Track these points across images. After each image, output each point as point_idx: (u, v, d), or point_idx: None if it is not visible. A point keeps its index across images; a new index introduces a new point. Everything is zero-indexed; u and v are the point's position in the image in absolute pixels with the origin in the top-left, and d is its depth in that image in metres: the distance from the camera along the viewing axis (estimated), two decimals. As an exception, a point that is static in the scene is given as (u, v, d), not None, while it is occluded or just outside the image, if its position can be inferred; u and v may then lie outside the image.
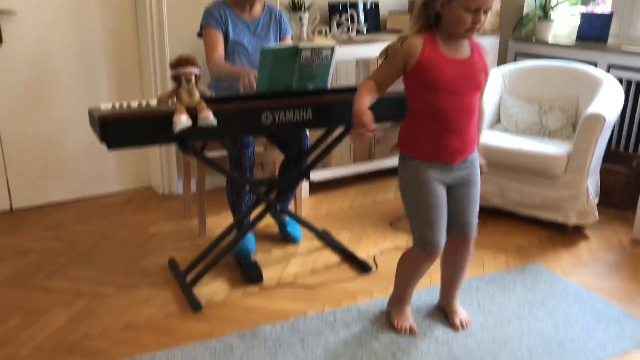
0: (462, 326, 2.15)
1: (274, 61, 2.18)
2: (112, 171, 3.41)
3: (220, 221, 3.08)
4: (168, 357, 1.97)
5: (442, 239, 1.98)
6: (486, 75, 1.93)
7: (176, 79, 2.06)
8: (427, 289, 2.41)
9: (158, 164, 3.39)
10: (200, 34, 2.74)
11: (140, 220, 3.08)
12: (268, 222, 2.99)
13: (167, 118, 2.01)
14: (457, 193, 2.00)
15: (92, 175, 3.35)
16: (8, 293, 2.36)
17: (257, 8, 2.78)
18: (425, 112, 1.90)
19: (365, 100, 1.91)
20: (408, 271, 2.10)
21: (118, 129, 1.99)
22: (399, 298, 2.17)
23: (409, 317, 2.16)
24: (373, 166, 3.64)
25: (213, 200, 3.32)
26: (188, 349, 2.01)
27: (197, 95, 2.06)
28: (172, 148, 3.38)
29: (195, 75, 2.07)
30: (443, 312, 2.23)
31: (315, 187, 3.54)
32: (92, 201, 3.33)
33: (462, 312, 2.20)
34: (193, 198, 3.17)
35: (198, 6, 2.89)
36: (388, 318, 2.19)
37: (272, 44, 2.63)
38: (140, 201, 3.36)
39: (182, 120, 2.00)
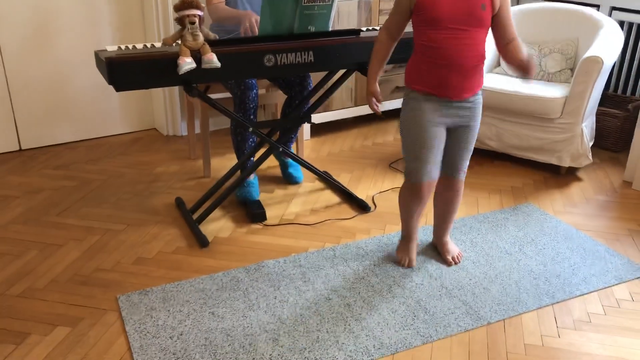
0: (454, 261, 2.27)
1: (276, 3, 2.20)
2: (117, 113, 3.47)
3: (224, 162, 3.16)
4: (177, 289, 2.10)
5: (428, 174, 2.06)
6: (492, 8, 1.92)
7: (180, 21, 2.10)
8: (422, 228, 2.52)
9: (162, 105, 3.45)
10: None
11: (146, 161, 3.17)
12: (271, 164, 3.08)
13: (172, 60, 2.06)
14: (453, 136, 2.08)
15: (98, 117, 3.42)
16: (23, 229, 2.48)
17: None
18: (427, 47, 1.95)
19: (376, 73, 2.09)
20: (402, 204, 2.21)
21: (125, 71, 2.04)
22: (403, 232, 2.29)
23: (410, 252, 2.27)
24: (373, 108, 3.68)
25: (217, 142, 3.40)
26: (196, 282, 2.14)
27: (201, 37, 2.10)
28: (176, 90, 3.42)
29: (199, 18, 2.10)
30: (436, 249, 2.35)
31: (317, 130, 3.62)
32: (99, 142, 3.41)
33: (453, 248, 2.31)
34: (197, 139, 3.25)
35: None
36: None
37: None
38: (145, 142, 3.44)
39: (187, 62, 2.05)
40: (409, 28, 2.04)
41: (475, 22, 1.91)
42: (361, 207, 2.70)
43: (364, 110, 3.65)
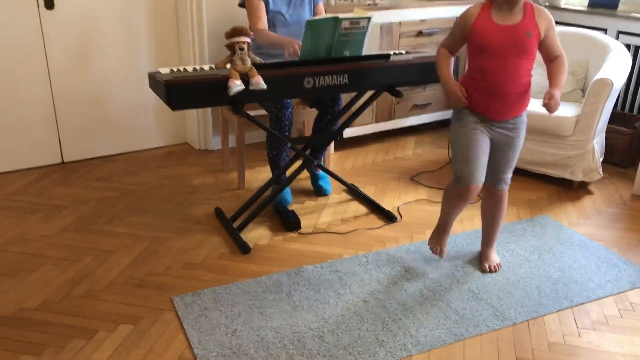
0: (490, 269, 2.45)
1: (317, 31, 2.41)
2: (153, 128, 3.68)
3: (256, 174, 3.36)
4: (226, 291, 2.28)
5: (475, 177, 2.22)
6: (539, 35, 2.11)
7: (230, 47, 2.31)
8: (462, 234, 2.71)
9: (195, 121, 3.65)
10: (242, 5, 2.96)
11: (182, 173, 3.37)
12: (301, 176, 3.27)
13: (223, 82, 2.27)
14: (495, 149, 2.28)
15: (134, 132, 3.62)
16: (76, 236, 2.66)
17: None
18: (476, 72, 2.17)
19: (450, 75, 2.24)
20: (446, 202, 2.38)
21: (181, 92, 2.24)
22: (440, 225, 2.46)
23: (442, 242, 2.45)
24: (393, 125, 3.89)
25: (247, 156, 3.59)
26: (242, 285, 2.32)
27: (249, 62, 2.31)
28: (208, 108, 3.62)
29: (248, 44, 2.31)
30: (479, 257, 2.54)
31: (340, 144, 3.82)
32: (136, 155, 3.61)
33: (493, 258, 2.49)
34: (230, 153, 3.45)
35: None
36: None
37: (318, 17, 2.81)
38: (179, 155, 3.64)
39: (237, 84, 2.25)
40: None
41: (521, 51, 2.09)
42: (388, 217, 2.89)
43: (384, 126, 3.86)
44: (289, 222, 2.76)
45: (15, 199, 3.00)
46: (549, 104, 2.09)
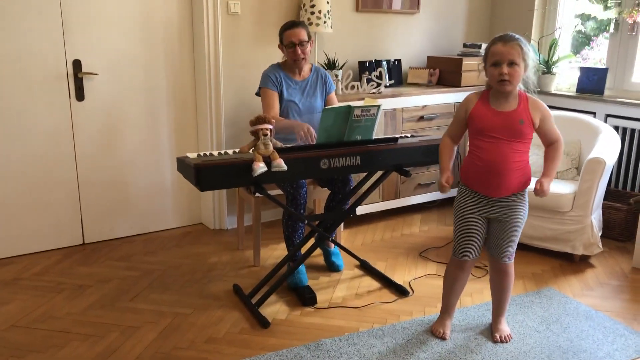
0: (501, 340, 2.56)
1: (332, 118, 2.64)
2: (170, 209, 3.85)
3: (270, 252, 3.50)
4: (250, 363, 2.36)
5: (468, 254, 2.48)
6: (532, 123, 2.32)
7: (254, 133, 2.52)
8: (472, 306, 2.82)
9: (211, 202, 3.83)
10: (258, 94, 3.23)
11: (199, 252, 3.50)
12: (314, 254, 3.40)
13: (247, 165, 2.46)
14: (493, 225, 2.46)
15: (152, 213, 3.79)
16: (101, 313, 2.76)
17: (306, 70, 3.28)
18: (474, 151, 2.39)
19: (446, 167, 2.48)
20: (446, 277, 2.58)
21: (210, 174, 2.43)
22: (443, 308, 2.62)
23: (445, 326, 2.59)
24: (399, 203, 4.08)
25: (261, 234, 3.73)
26: (265, 358, 2.40)
27: (271, 146, 2.51)
28: (223, 189, 3.82)
29: (270, 130, 2.53)
30: (490, 328, 2.65)
31: (349, 222, 3.98)
32: (153, 235, 3.76)
33: (504, 329, 2.60)
34: (244, 231, 3.60)
35: (248, 74, 3.44)
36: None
37: (333, 106, 3.03)
38: (195, 235, 3.78)
39: (260, 167, 2.45)
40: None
41: (514, 135, 2.31)
42: (400, 291, 3.01)
43: (390, 204, 4.04)
44: (305, 297, 2.87)
45: (40, 279, 3.12)
46: (537, 190, 2.34)
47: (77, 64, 3.34)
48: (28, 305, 2.82)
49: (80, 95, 3.39)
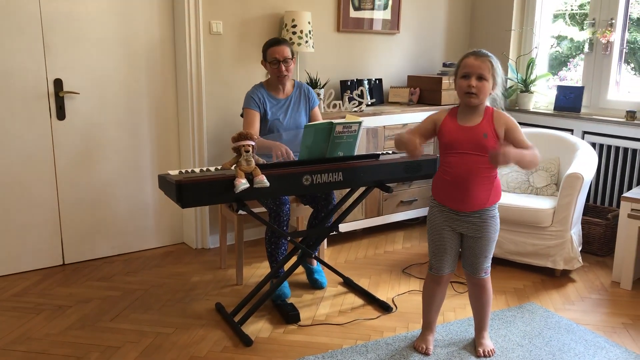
0: (484, 354, 2.56)
1: (314, 134, 2.66)
2: (151, 229, 3.82)
3: (253, 270, 3.48)
4: (232, 382, 2.34)
5: (443, 269, 2.51)
6: (496, 136, 2.31)
7: (237, 150, 2.53)
8: (455, 322, 2.83)
9: (192, 221, 3.81)
10: (242, 115, 3.25)
11: (182, 271, 3.47)
12: (297, 271, 3.40)
13: (229, 181, 2.46)
14: (466, 241, 2.48)
15: (133, 233, 3.76)
16: (81, 334, 2.72)
17: (288, 86, 3.31)
18: (442, 165, 2.42)
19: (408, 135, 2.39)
20: (424, 293, 2.60)
21: (192, 191, 2.42)
22: (424, 322, 2.63)
23: (427, 342, 2.60)
24: (382, 220, 4.10)
25: (244, 252, 3.71)
26: (247, 376, 2.38)
27: (253, 162, 2.52)
28: (206, 208, 3.81)
29: (252, 147, 2.54)
30: (473, 343, 2.66)
31: (332, 240, 3.98)
32: (134, 255, 3.72)
33: (487, 344, 2.61)
34: (227, 250, 3.58)
35: (230, 92, 3.48)
36: None
37: (315, 122, 3.05)
38: (177, 255, 3.75)
39: (242, 183, 2.45)
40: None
41: (479, 149, 2.33)
42: (383, 307, 3.00)
43: (373, 222, 4.05)
44: (288, 315, 2.85)
45: (19, 300, 3.07)
46: (495, 153, 2.18)
47: (58, 83, 3.34)
48: (6, 327, 2.77)
49: (61, 115, 3.38)
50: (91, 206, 3.58)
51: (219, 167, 2.69)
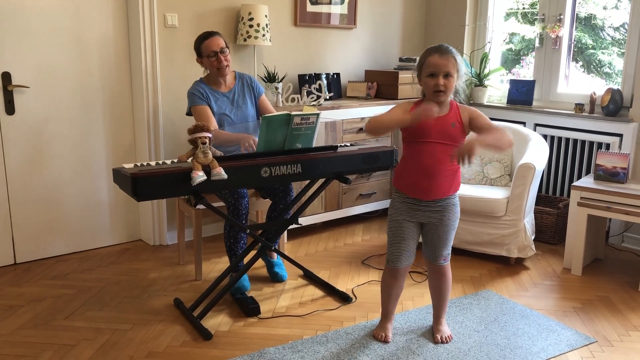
0: (442, 341, 2.61)
1: (272, 126, 2.66)
2: (107, 226, 3.74)
3: (212, 265, 3.45)
4: (191, 375, 2.31)
5: (401, 261, 2.52)
6: (462, 125, 2.38)
7: (193, 142, 2.50)
8: (413, 310, 2.86)
9: (150, 217, 3.75)
10: (189, 114, 3.20)
11: (139, 268, 3.42)
12: (256, 265, 3.39)
13: (186, 174, 2.43)
14: (427, 230, 2.52)
15: (88, 231, 3.67)
16: (33, 333, 2.64)
17: (229, 79, 3.28)
18: (407, 155, 2.45)
19: (399, 118, 2.36)
20: (382, 286, 2.62)
21: (147, 184, 2.38)
22: (382, 313, 2.66)
23: (386, 329, 2.63)
24: (341, 214, 4.12)
25: (203, 248, 3.68)
26: (207, 369, 2.36)
27: (210, 155, 2.50)
28: (163, 203, 3.75)
29: (209, 139, 2.51)
30: (431, 330, 2.70)
31: (292, 233, 3.98)
32: (90, 253, 3.64)
33: (445, 330, 2.66)
34: (185, 246, 3.54)
35: (186, 86, 3.40)
36: None
37: (273, 114, 3.04)
38: (134, 252, 3.69)
39: (199, 175, 2.43)
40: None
41: (446, 137, 2.38)
42: (343, 298, 3.02)
43: (333, 215, 4.07)
44: (248, 308, 2.84)
45: (-33, 300, 2.96)
46: (459, 149, 2.21)
47: (6, 77, 3.23)
48: (-47, 328, 2.68)
49: (10, 109, 3.27)
50: (43, 204, 3.48)
51: (176, 160, 2.65)
